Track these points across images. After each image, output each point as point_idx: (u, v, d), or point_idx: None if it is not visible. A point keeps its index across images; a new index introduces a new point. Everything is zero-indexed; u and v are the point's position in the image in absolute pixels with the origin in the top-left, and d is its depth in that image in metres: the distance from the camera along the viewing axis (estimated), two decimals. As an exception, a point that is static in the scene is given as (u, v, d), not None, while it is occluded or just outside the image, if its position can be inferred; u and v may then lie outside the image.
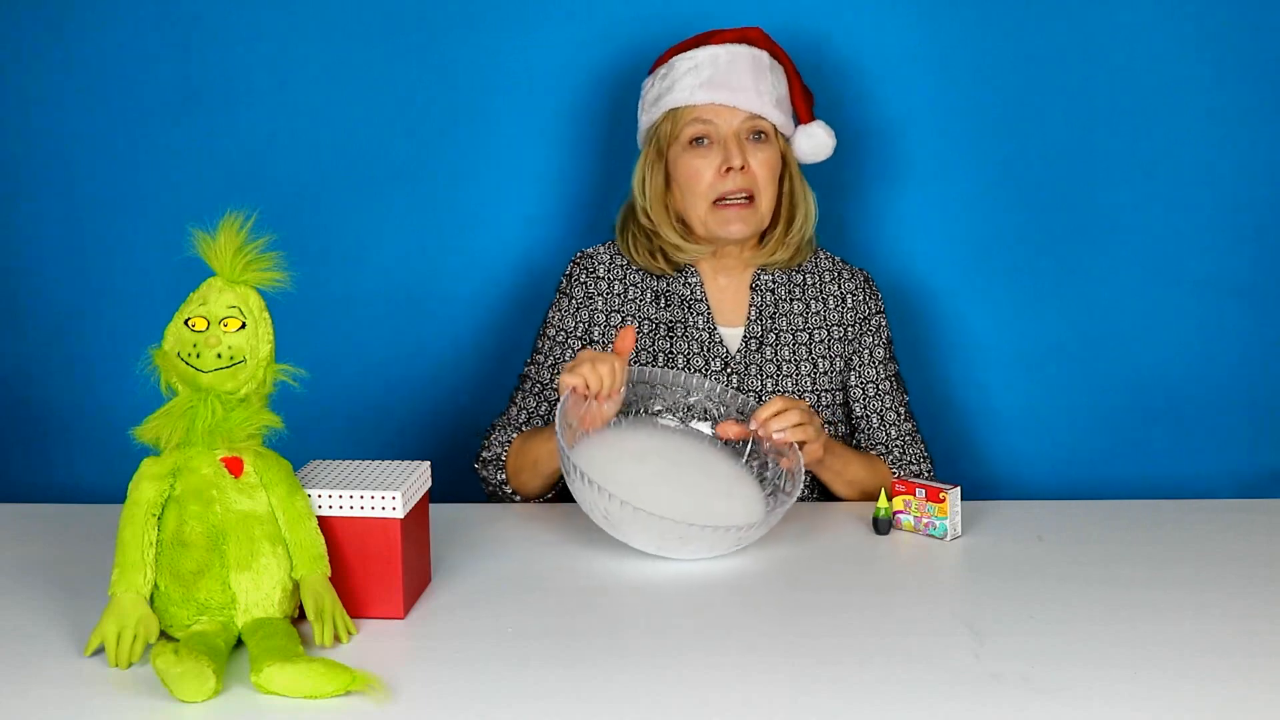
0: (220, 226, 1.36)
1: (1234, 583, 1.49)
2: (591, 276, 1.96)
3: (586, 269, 1.96)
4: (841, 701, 1.21)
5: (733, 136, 1.86)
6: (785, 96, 1.92)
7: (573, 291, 1.96)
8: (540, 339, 1.96)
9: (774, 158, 1.89)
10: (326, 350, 2.29)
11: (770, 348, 1.93)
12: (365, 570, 1.40)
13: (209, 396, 1.34)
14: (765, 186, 1.88)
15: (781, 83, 1.92)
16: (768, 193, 1.89)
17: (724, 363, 1.91)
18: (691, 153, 1.88)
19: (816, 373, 1.93)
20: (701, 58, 1.88)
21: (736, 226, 1.88)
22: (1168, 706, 1.19)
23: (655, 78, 1.94)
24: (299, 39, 2.24)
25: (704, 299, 1.94)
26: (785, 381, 1.92)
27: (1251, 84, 2.20)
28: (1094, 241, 2.25)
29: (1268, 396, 2.29)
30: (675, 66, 1.90)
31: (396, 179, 2.28)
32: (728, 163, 1.86)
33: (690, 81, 1.87)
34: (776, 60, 1.93)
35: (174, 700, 1.20)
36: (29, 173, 2.29)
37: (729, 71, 1.87)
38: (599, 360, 1.65)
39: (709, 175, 1.87)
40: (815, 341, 1.94)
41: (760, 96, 1.87)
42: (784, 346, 1.93)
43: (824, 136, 1.93)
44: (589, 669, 1.28)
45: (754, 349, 1.92)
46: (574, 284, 1.96)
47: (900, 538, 1.67)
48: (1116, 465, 2.30)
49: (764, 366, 1.92)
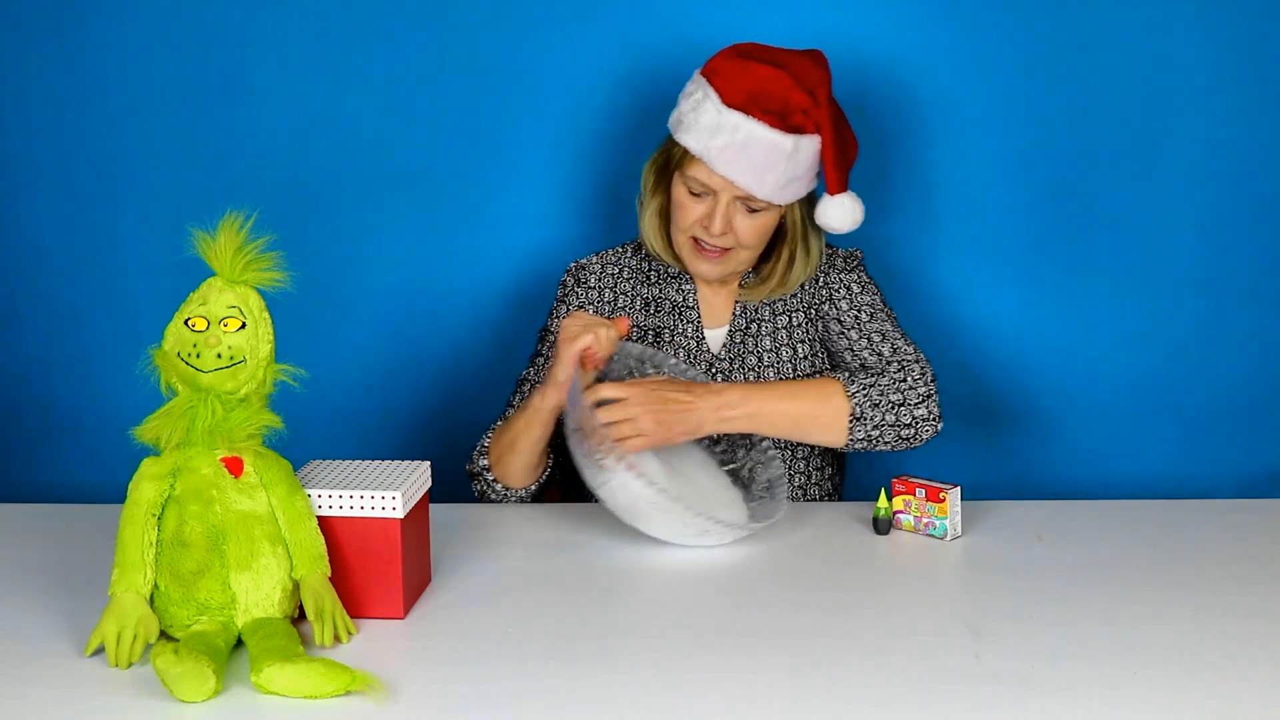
0: (220, 226, 1.36)
1: (1234, 583, 1.49)
2: (584, 287, 1.98)
3: (579, 279, 1.98)
4: (841, 701, 1.21)
5: (726, 200, 1.82)
6: (803, 175, 1.83)
7: (568, 300, 1.98)
8: (540, 344, 1.97)
9: (766, 223, 1.86)
10: (326, 350, 2.29)
11: (752, 339, 1.94)
12: (365, 570, 1.40)
13: (209, 396, 1.34)
14: (749, 245, 1.86)
15: (801, 162, 1.81)
16: (749, 250, 1.88)
17: (708, 365, 1.94)
18: (685, 189, 1.85)
19: (797, 358, 1.93)
20: (725, 120, 1.79)
21: (706, 268, 1.89)
22: (1168, 706, 1.19)
23: (693, 93, 1.84)
24: (299, 39, 2.24)
25: (695, 306, 1.95)
26: (767, 372, 1.92)
27: (1253, 84, 2.20)
28: (1095, 241, 2.25)
29: (1268, 396, 2.29)
30: (705, 102, 1.81)
31: (396, 179, 2.28)
32: (709, 223, 1.83)
33: (705, 136, 1.80)
34: (804, 134, 1.80)
35: (174, 700, 1.21)
36: (29, 173, 2.29)
37: (741, 150, 1.79)
38: (598, 324, 1.69)
39: (693, 217, 1.85)
40: (794, 326, 1.94)
41: (763, 182, 1.80)
42: (765, 337, 1.94)
43: (849, 210, 1.85)
44: (589, 669, 1.28)
45: (738, 341, 1.94)
46: (569, 293, 1.98)
47: (900, 538, 1.67)
48: (1116, 465, 2.30)
49: (746, 359, 1.93)
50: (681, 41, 2.17)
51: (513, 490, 1.86)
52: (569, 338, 1.70)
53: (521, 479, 1.84)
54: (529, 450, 1.81)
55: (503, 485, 1.85)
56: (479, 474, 1.87)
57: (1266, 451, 2.30)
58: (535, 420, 1.78)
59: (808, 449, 1.94)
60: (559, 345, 1.71)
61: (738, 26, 2.08)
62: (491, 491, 1.86)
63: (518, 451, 1.81)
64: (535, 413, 1.77)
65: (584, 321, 1.71)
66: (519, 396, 1.94)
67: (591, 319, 1.72)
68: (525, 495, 1.86)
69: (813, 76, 1.81)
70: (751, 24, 2.13)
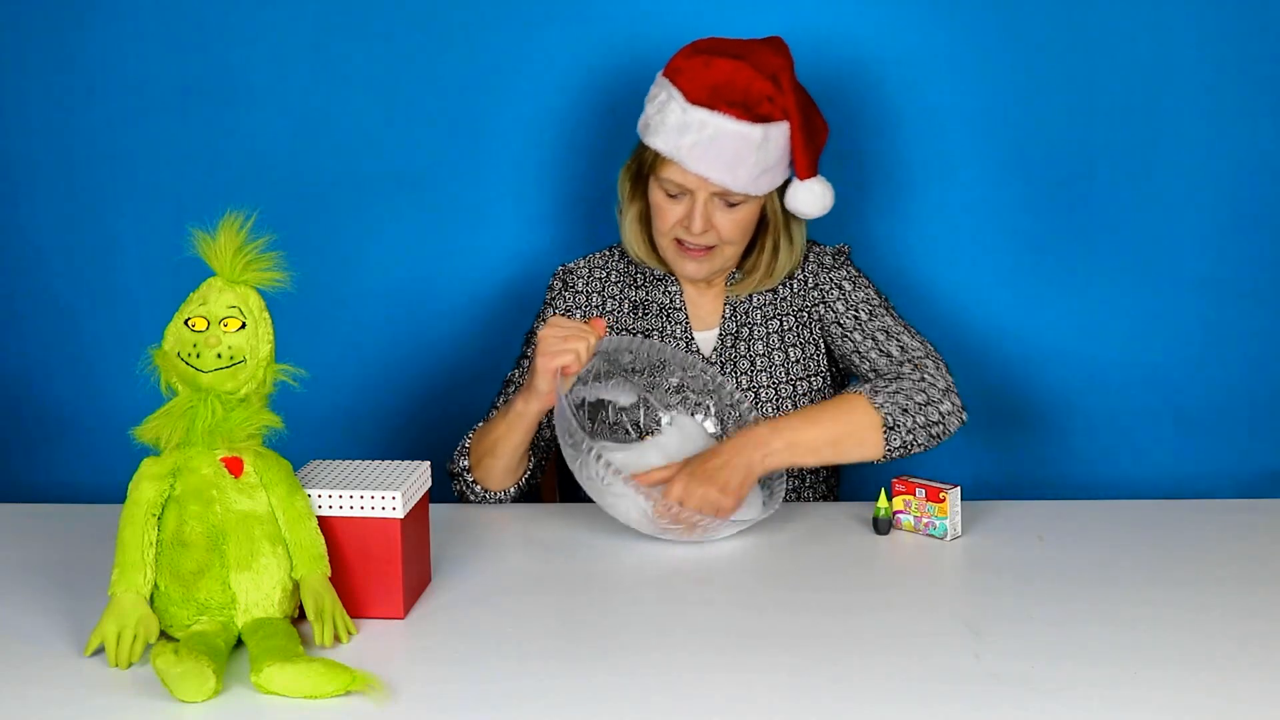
0: (220, 226, 1.36)
1: (1234, 583, 1.49)
2: (571, 290, 1.97)
3: (566, 283, 1.98)
4: (841, 701, 1.21)
5: (704, 198, 1.81)
6: (776, 163, 1.82)
7: (555, 304, 1.98)
8: (525, 346, 1.97)
9: (746, 216, 1.85)
10: (326, 350, 2.29)
11: (744, 343, 1.93)
12: (365, 570, 1.40)
13: (209, 396, 1.34)
14: (731, 240, 1.85)
15: (773, 151, 1.80)
16: (733, 245, 1.87)
17: None
18: (662, 192, 1.84)
19: (789, 361, 1.93)
20: (691, 118, 1.78)
21: (692, 268, 1.88)
22: (1168, 706, 1.19)
23: (657, 95, 1.84)
24: (299, 39, 2.24)
25: (683, 308, 1.95)
26: (760, 376, 1.91)
27: (1252, 84, 2.20)
28: (1094, 241, 2.25)
29: (1268, 396, 2.29)
30: (670, 103, 1.80)
31: (396, 179, 2.28)
32: (689, 223, 1.82)
33: (673, 136, 1.79)
34: (771, 122, 1.79)
35: (174, 700, 1.21)
36: (29, 172, 2.29)
37: (710, 146, 1.77)
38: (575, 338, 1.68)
39: (673, 218, 1.84)
40: (786, 329, 1.94)
41: (736, 176, 1.78)
42: (757, 340, 1.93)
43: (819, 195, 1.84)
44: (589, 669, 1.28)
45: (729, 345, 1.93)
46: (556, 296, 1.98)
47: (900, 538, 1.67)
48: (1116, 465, 2.30)
49: (738, 363, 1.92)
50: (678, 43, 2.17)
51: (491, 493, 1.85)
52: (547, 352, 1.68)
53: (501, 481, 1.84)
54: (509, 454, 1.80)
55: (482, 487, 1.84)
56: (459, 474, 1.86)
57: (1266, 451, 2.30)
58: (517, 425, 1.77)
59: None
60: (536, 357, 1.69)
61: (737, 26, 2.07)
62: (471, 493, 1.85)
63: (498, 455, 1.81)
64: (517, 418, 1.76)
65: (563, 334, 1.68)
66: (503, 398, 1.93)
67: (570, 330, 1.69)
68: (504, 498, 1.85)
69: (773, 63, 1.80)
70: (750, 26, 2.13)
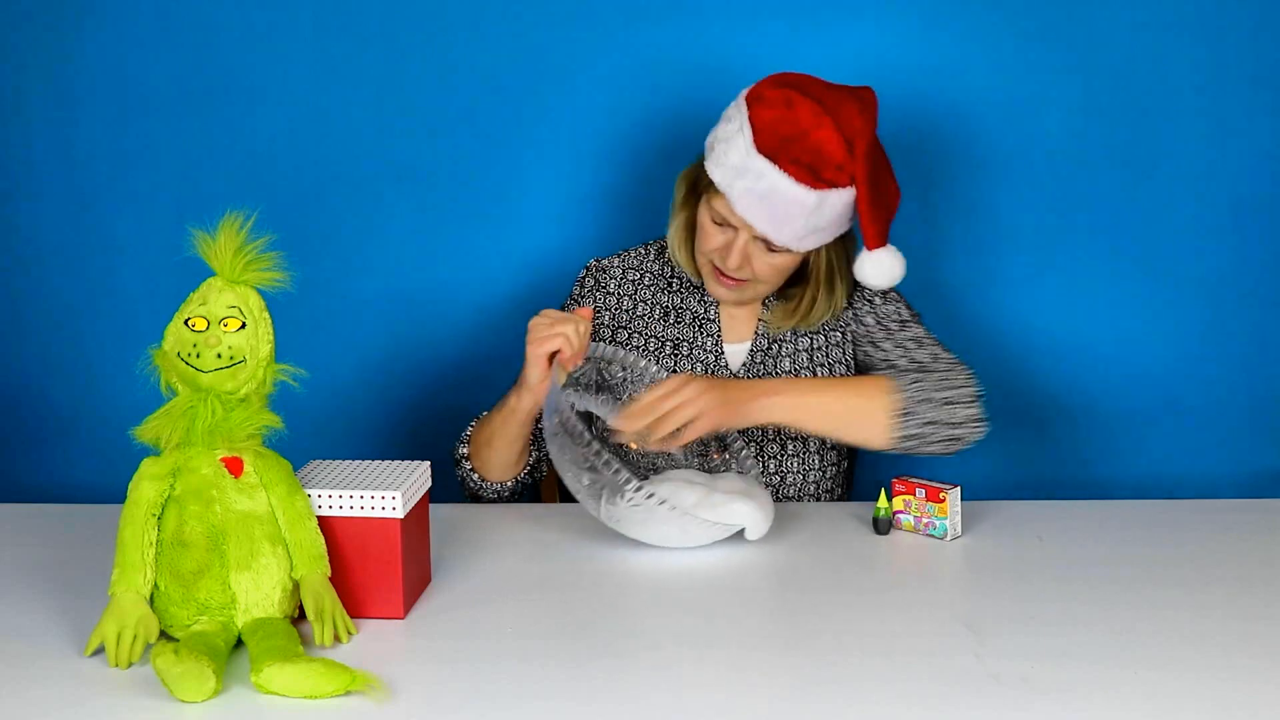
0: (220, 226, 1.36)
1: (1234, 583, 1.49)
2: (602, 291, 1.94)
3: (598, 281, 1.95)
4: (841, 701, 1.21)
5: (745, 238, 1.77)
6: (827, 225, 1.76)
7: (583, 300, 1.95)
8: None
9: (786, 263, 1.81)
10: (326, 350, 2.29)
11: (772, 359, 1.91)
12: (365, 570, 1.40)
13: (209, 396, 1.34)
14: (766, 280, 1.83)
15: (827, 214, 1.74)
16: (767, 284, 1.85)
17: None
18: (709, 215, 1.80)
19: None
20: (751, 164, 1.71)
21: (722, 293, 1.86)
22: (1168, 706, 1.19)
23: (732, 119, 1.76)
24: (300, 39, 2.24)
25: (716, 319, 1.92)
26: None
27: (1252, 84, 2.20)
28: (1095, 242, 2.26)
29: (1268, 396, 2.29)
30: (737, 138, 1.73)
31: (397, 179, 2.28)
32: (727, 256, 1.79)
33: (731, 175, 1.73)
34: (835, 188, 1.72)
35: (174, 700, 1.20)
36: (29, 172, 2.30)
37: (763, 198, 1.72)
38: (565, 322, 1.67)
39: (714, 244, 1.81)
40: (815, 348, 1.92)
41: (780, 231, 1.74)
42: (785, 357, 1.91)
43: (887, 268, 1.78)
44: (589, 669, 1.28)
45: (758, 360, 1.91)
46: (586, 294, 1.95)
47: (900, 538, 1.67)
48: (1116, 465, 2.30)
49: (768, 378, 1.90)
50: (686, 43, 2.17)
51: (489, 484, 1.85)
52: (536, 339, 1.67)
53: (499, 473, 1.84)
54: (505, 448, 1.81)
55: (479, 476, 1.85)
56: (459, 462, 1.87)
57: (1266, 451, 2.30)
58: (511, 419, 1.77)
59: (819, 441, 1.91)
60: (527, 346, 1.69)
61: (738, 26, 2.07)
62: (470, 481, 1.86)
63: (494, 448, 1.81)
64: (511, 412, 1.77)
65: (550, 320, 1.68)
66: None
67: (559, 317, 1.68)
68: (503, 490, 1.86)
69: (854, 125, 1.71)
70: (750, 24, 2.13)
